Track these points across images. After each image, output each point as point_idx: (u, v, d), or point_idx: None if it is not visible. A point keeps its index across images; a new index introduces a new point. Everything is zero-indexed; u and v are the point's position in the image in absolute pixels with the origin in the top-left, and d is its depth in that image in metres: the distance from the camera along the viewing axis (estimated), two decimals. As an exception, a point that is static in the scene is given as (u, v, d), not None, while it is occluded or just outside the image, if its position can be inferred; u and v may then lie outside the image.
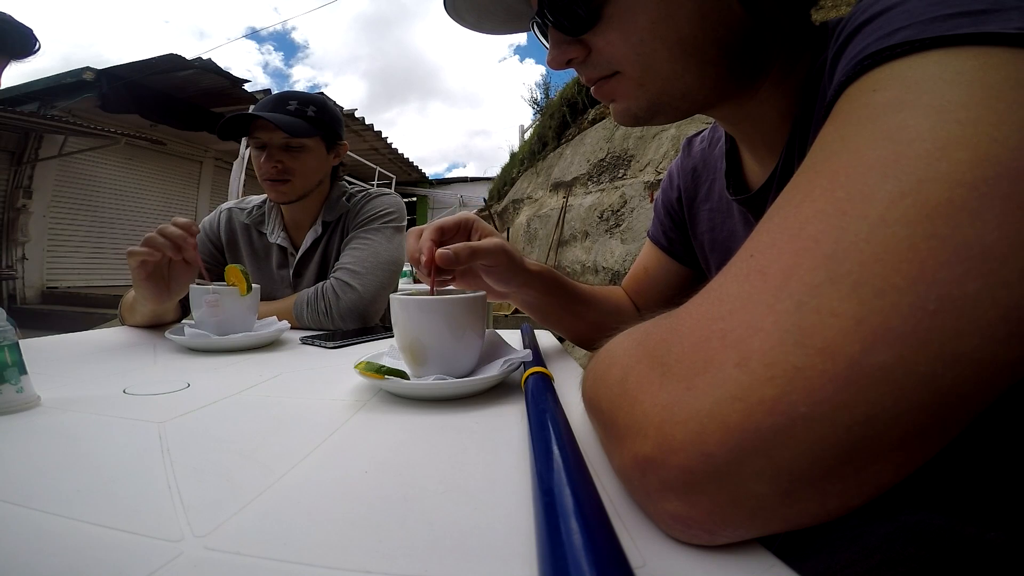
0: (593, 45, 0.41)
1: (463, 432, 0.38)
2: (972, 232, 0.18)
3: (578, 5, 0.39)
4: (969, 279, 0.18)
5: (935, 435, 0.19)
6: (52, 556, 0.22)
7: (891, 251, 0.19)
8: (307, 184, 1.04)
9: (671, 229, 0.71)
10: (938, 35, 0.22)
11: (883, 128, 0.21)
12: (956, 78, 0.21)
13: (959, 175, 0.19)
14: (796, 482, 0.19)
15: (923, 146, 0.20)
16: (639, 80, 0.41)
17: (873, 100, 0.23)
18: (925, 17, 0.23)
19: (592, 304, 0.69)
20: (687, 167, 0.67)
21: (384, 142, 9.28)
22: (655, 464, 0.21)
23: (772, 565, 0.21)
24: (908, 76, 0.22)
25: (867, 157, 0.21)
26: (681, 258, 0.71)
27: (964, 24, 0.21)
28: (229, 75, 6.20)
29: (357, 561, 0.21)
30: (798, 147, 0.42)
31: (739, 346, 0.21)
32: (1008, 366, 0.18)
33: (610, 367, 0.28)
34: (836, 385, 0.18)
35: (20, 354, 0.43)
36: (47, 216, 6.56)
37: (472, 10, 0.48)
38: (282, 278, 1.10)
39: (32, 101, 6.17)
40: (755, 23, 0.39)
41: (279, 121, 0.95)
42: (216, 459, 0.33)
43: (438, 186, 13.47)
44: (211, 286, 0.74)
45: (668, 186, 0.70)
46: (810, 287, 0.20)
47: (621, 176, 4.38)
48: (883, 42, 0.24)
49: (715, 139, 0.62)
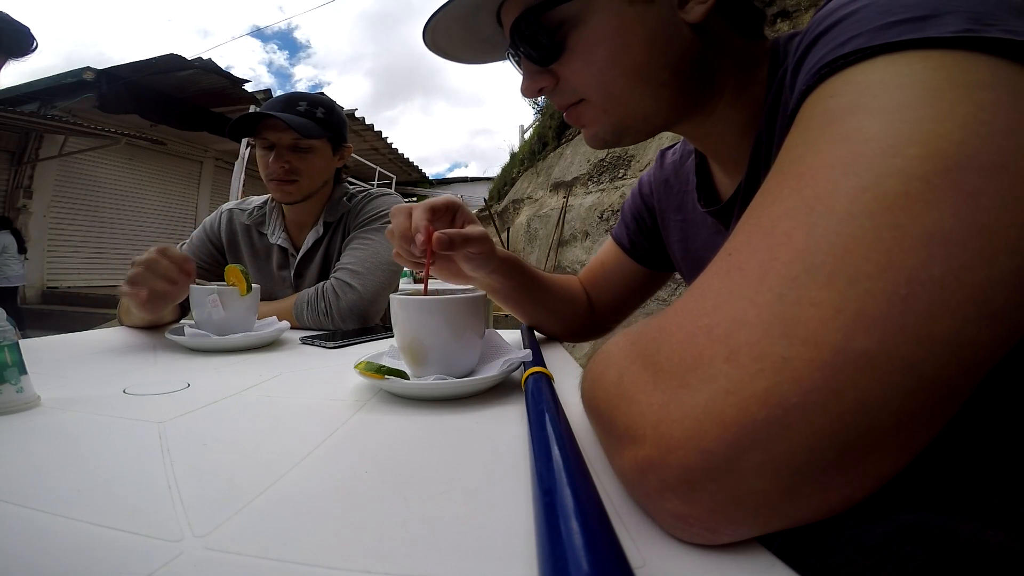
0: (560, 74, 0.45)
1: (463, 432, 0.38)
2: (930, 220, 0.19)
3: (544, 37, 0.42)
4: (933, 263, 0.19)
5: (927, 421, 0.20)
6: (52, 556, 0.22)
7: (859, 241, 0.20)
8: (313, 185, 1.05)
9: (635, 233, 0.75)
10: (885, 42, 0.24)
11: (841, 131, 0.23)
12: (902, 80, 0.23)
13: (912, 169, 0.20)
14: (796, 476, 0.19)
15: (878, 145, 0.21)
16: (603, 106, 0.44)
17: (830, 106, 0.25)
18: (874, 26, 0.24)
19: (550, 291, 0.73)
20: (659, 179, 0.69)
21: (384, 142, 9.28)
22: (654, 464, 0.22)
23: (772, 565, 0.21)
24: (860, 82, 0.24)
25: (828, 158, 0.23)
26: (640, 258, 0.75)
27: (908, 30, 0.23)
28: (229, 75, 6.20)
29: (357, 561, 0.21)
30: (763, 157, 0.43)
31: (726, 340, 0.21)
32: (984, 347, 0.19)
33: (606, 368, 0.28)
34: (824, 373, 0.19)
35: (20, 354, 0.43)
36: (47, 216, 6.56)
37: (450, 42, 0.50)
38: (283, 279, 1.10)
39: (32, 101, 6.16)
40: (705, 45, 0.43)
41: (291, 121, 0.95)
42: (216, 459, 0.33)
43: (438, 186, 13.49)
44: (211, 286, 0.74)
45: (638, 194, 0.74)
46: (788, 279, 0.21)
47: (621, 176, 4.38)
48: (837, 51, 0.25)
49: (686, 152, 0.64)
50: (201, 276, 0.78)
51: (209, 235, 1.12)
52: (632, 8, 0.41)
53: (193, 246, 1.12)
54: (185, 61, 5.82)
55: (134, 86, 6.09)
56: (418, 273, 0.53)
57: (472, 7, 0.45)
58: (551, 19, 0.42)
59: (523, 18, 0.42)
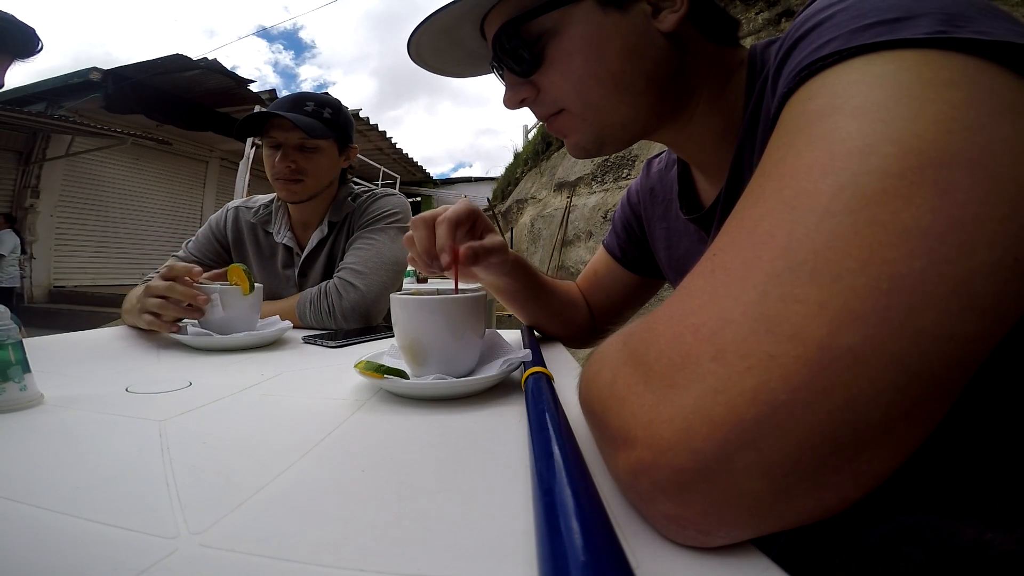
0: (540, 85, 0.46)
1: (462, 432, 0.38)
2: (908, 216, 0.19)
3: (523, 49, 0.44)
4: (914, 258, 0.19)
5: (918, 417, 0.19)
6: (50, 552, 0.22)
7: (839, 238, 0.20)
8: (318, 184, 1.05)
9: (625, 242, 0.76)
10: (859, 44, 0.24)
11: (819, 132, 0.23)
12: (876, 81, 0.23)
13: (888, 167, 0.20)
14: (789, 475, 0.19)
15: (854, 144, 0.22)
16: (581, 115, 0.46)
17: (808, 108, 0.25)
18: (849, 28, 0.25)
19: (554, 294, 0.74)
20: (645, 188, 0.70)
21: (388, 142, 9.30)
22: (646, 466, 0.21)
23: (766, 568, 0.21)
24: (836, 83, 0.24)
25: (808, 159, 0.23)
26: (631, 267, 0.77)
27: (882, 32, 0.24)
28: (234, 75, 6.23)
29: (350, 559, 0.21)
30: (746, 163, 0.43)
31: (712, 339, 0.21)
32: (970, 340, 0.19)
33: (600, 369, 0.28)
34: (811, 370, 0.19)
35: (24, 352, 0.43)
36: (54, 216, 6.61)
37: (435, 55, 0.51)
38: (287, 277, 1.10)
39: (39, 101, 6.22)
40: (679, 53, 0.44)
41: (298, 121, 0.95)
42: (215, 457, 0.33)
43: (442, 186, 13.51)
44: (215, 285, 0.75)
45: (627, 203, 0.76)
46: (771, 276, 0.21)
47: (625, 176, 4.38)
48: (814, 55, 0.26)
49: (671, 161, 0.65)
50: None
51: (215, 233, 1.13)
52: (607, 19, 0.42)
53: (199, 244, 1.12)
54: (190, 61, 5.85)
55: (140, 86, 6.13)
56: (421, 273, 0.54)
57: (455, 19, 0.46)
58: (530, 31, 0.43)
59: (503, 30, 0.43)
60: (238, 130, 1.02)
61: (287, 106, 1.01)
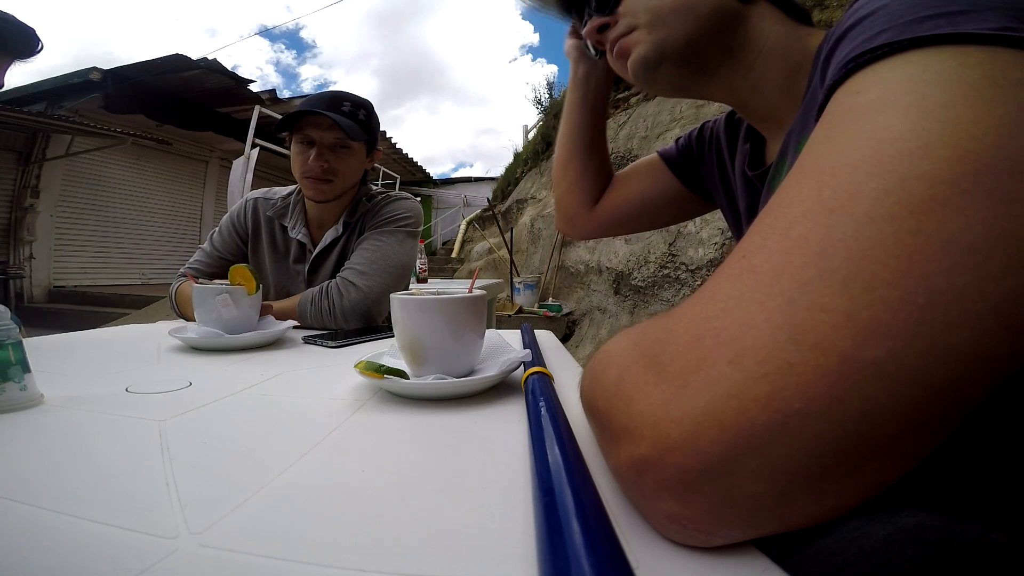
0: (619, 14, 0.51)
1: (462, 432, 0.38)
2: (956, 227, 0.18)
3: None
4: (956, 273, 0.18)
5: (931, 431, 0.19)
6: (50, 552, 0.22)
7: (878, 247, 0.19)
8: (346, 185, 1.05)
9: (684, 154, 0.74)
10: (917, 36, 0.22)
11: (867, 128, 0.22)
12: (935, 78, 0.21)
13: (941, 172, 0.19)
14: (792, 481, 0.19)
15: (905, 145, 0.20)
16: (648, 26, 0.49)
17: (857, 102, 0.23)
18: (905, 19, 0.23)
19: (603, 154, 0.76)
20: (707, 133, 0.71)
21: (388, 142, 9.30)
22: (651, 464, 0.21)
23: (767, 568, 0.21)
24: (889, 77, 0.23)
25: (852, 157, 0.21)
26: (680, 173, 0.75)
27: (942, 25, 0.22)
28: (234, 75, 6.23)
29: (350, 559, 0.21)
30: (792, 143, 0.43)
31: (732, 344, 0.21)
32: (1000, 360, 0.18)
33: (607, 368, 0.28)
34: (829, 381, 0.18)
35: (24, 352, 0.43)
36: (54, 215, 6.60)
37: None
38: (297, 272, 1.10)
39: (39, 101, 6.21)
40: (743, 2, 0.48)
41: (341, 122, 0.95)
42: (214, 457, 0.33)
43: (442, 186, 13.50)
44: (220, 285, 0.75)
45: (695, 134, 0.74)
46: (800, 284, 0.20)
47: (625, 176, 4.37)
48: (866, 45, 0.24)
49: (733, 122, 0.66)
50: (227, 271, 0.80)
51: (236, 226, 1.12)
52: None
53: (223, 239, 1.12)
54: (190, 61, 5.85)
55: (140, 86, 6.13)
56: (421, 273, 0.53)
57: None
58: None
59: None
60: (280, 125, 1.01)
61: (325, 104, 1.00)
